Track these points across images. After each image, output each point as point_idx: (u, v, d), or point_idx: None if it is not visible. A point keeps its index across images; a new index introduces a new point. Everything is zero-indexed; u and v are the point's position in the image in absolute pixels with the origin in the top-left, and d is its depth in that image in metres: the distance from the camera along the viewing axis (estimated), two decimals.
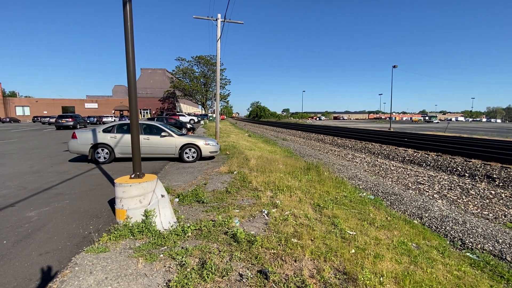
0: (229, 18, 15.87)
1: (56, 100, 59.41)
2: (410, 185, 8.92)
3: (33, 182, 6.27)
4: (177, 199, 5.08)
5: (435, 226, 5.49)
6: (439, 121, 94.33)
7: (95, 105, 60.47)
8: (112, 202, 4.67)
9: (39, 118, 45.07)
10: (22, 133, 21.21)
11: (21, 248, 3.25)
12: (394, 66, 40.76)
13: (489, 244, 4.64)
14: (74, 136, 8.62)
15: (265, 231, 3.79)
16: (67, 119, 26.37)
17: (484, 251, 4.44)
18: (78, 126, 26.72)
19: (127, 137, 8.53)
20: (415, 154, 13.84)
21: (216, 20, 15.62)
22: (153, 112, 60.63)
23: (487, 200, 7.33)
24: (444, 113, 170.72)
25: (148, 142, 8.81)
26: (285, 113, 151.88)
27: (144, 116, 57.09)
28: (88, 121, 36.25)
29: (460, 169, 10.65)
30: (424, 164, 12.22)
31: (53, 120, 31.81)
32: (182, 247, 3.21)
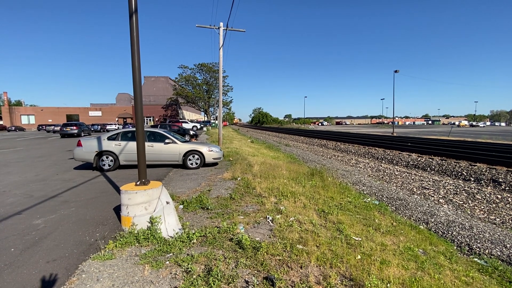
0: (231, 26, 16.22)
1: (60, 109, 60.28)
2: (415, 190, 8.85)
3: (39, 190, 6.33)
4: (181, 206, 5.10)
5: (441, 231, 5.43)
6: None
7: (99, 113, 61.22)
8: (117, 209, 4.70)
9: (44, 126, 45.62)
10: (27, 142, 21.46)
11: (28, 255, 3.27)
12: (395, 71, 40.83)
13: (497, 249, 4.58)
14: (79, 144, 8.73)
15: (270, 237, 3.79)
16: (72, 127, 26.67)
17: (492, 256, 4.38)
18: (82, 134, 26.97)
19: (132, 144, 8.62)
20: (419, 159, 13.75)
21: (219, 28, 15.86)
22: (156, 119, 61.13)
23: (494, 205, 7.25)
24: (447, 117, 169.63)
25: (152, 149, 8.87)
26: (287, 119, 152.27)
27: (147, 123, 57.55)
28: (92, 129, 36.61)
29: (465, 174, 10.56)
30: (428, 168, 12.13)
31: (57, 128, 32.22)
32: (188, 254, 3.22)
